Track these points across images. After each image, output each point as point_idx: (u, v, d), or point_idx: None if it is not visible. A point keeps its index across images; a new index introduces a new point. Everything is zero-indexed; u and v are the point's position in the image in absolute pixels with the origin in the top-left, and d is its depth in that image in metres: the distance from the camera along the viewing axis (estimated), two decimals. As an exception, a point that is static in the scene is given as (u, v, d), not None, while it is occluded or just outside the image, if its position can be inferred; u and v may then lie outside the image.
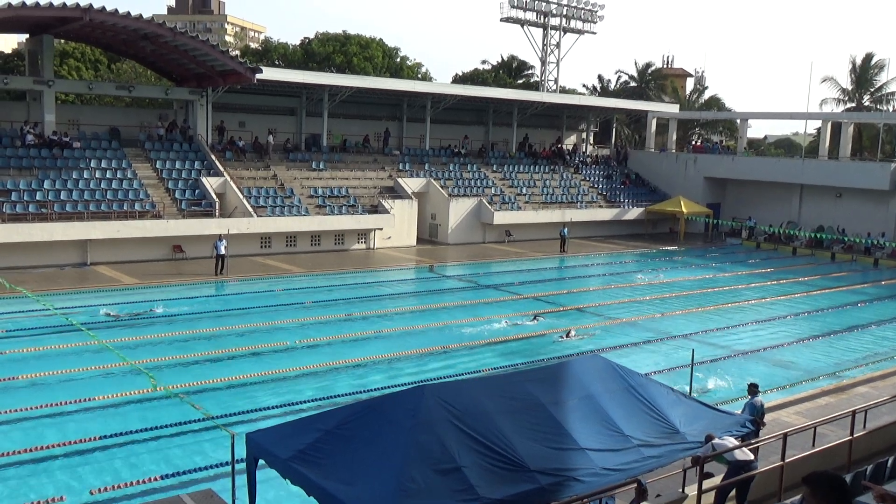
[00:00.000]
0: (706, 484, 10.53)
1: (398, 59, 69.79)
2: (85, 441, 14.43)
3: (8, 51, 71.98)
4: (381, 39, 68.86)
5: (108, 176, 34.71)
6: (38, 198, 32.00)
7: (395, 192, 42.03)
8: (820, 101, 62.04)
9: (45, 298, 22.90)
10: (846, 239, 44.27)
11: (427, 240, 42.81)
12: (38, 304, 21.54)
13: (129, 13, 32.14)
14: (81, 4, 30.99)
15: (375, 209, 39.84)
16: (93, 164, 34.97)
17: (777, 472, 11.00)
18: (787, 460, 10.96)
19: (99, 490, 12.59)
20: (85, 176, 34.13)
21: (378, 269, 34.82)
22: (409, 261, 36.92)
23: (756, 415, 13.13)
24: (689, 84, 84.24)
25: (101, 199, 33.08)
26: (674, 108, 59.93)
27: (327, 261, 35.40)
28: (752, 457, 10.99)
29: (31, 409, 15.98)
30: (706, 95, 72.40)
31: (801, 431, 12.58)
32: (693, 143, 62.28)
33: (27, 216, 30.97)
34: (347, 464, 8.67)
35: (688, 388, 15.91)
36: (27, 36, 38.88)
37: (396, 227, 39.99)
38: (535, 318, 26.03)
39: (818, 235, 44.68)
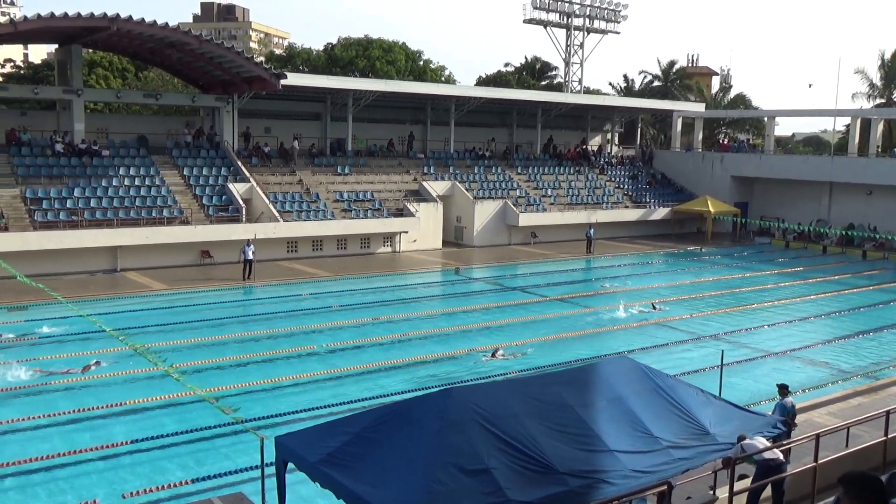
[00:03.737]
0: (738, 486, 10.41)
1: (421, 63, 69.91)
2: (117, 445, 14.60)
3: (38, 61, 73.11)
4: (403, 43, 69.04)
5: (136, 183, 35.13)
6: (68, 205, 32.46)
7: (421, 196, 42.09)
8: (851, 95, 61.23)
9: (77, 304, 23.20)
10: (877, 236, 43.65)
11: (452, 242, 42.83)
12: (69, 309, 21.82)
13: (155, 22, 32.52)
14: (109, 14, 31.39)
15: (401, 213, 39.93)
16: (121, 171, 35.41)
17: (810, 473, 10.86)
18: (819, 461, 10.82)
19: (131, 493, 12.73)
20: (114, 183, 34.57)
21: (404, 272, 34.90)
22: (434, 263, 36.95)
23: (787, 415, 12.98)
24: (715, 82, 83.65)
25: (130, 206, 33.48)
26: (699, 107, 59.46)
27: (354, 264, 35.53)
28: (782, 458, 10.86)
29: (64, 413, 16.21)
30: (732, 93, 71.82)
31: (833, 432, 12.41)
32: (720, 141, 61.75)
33: (58, 224, 31.42)
34: (376, 466, 8.68)
35: (717, 390, 15.74)
36: (56, 46, 39.49)
37: (422, 230, 40.05)
38: (654, 307, 27.65)
39: (849, 233, 44.10)
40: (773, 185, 50.99)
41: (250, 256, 31.03)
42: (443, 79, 70.08)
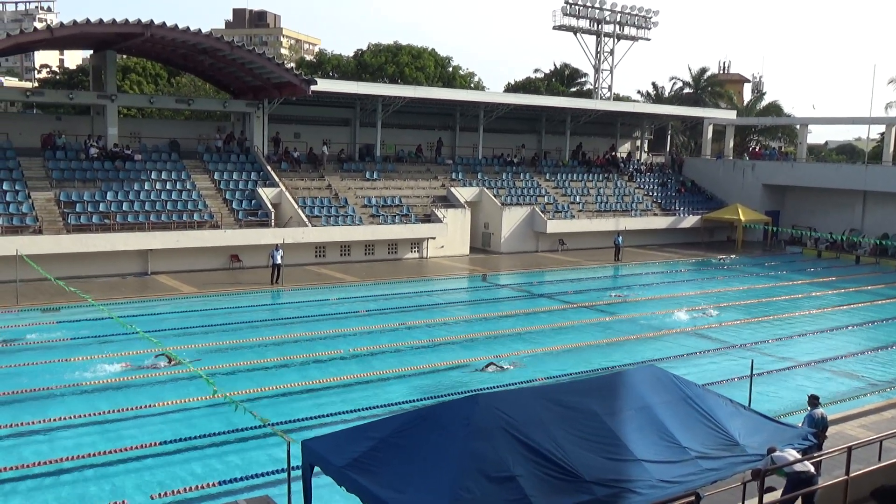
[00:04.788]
0: (767, 498, 10.27)
1: (450, 69, 70.03)
2: (145, 447, 14.72)
3: (73, 66, 74.34)
4: (433, 49, 69.22)
5: (168, 187, 35.53)
6: (101, 209, 32.90)
7: (448, 202, 42.13)
8: (885, 105, 60.34)
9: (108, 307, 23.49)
10: (912, 247, 42.93)
11: (480, 249, 42.79)
12: (102, 311, 22.10)
13: (188, 28, 32.90)
14: (143, 20, 31.82)
15: (428, 218, 39.98)
16: (153, 175, 35.83)
17: (841, 486, 10.69)
18: (851, 475, 10.66)
19: (159, 495, 12.84)
20: (146, 187, 34.99)
21: (431, 278, 34.91)
22: (462, 270, 36.94)
23: (817, 427, 12.79)
24: (747, 89, 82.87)
25: (161, 210, 33.86)
26: (731, 115, 58.91)
27: (381, 270, 35.62)
28: (813, 470, 10.70)
29: (92, 414, 16.40)
30: (764, 101, 71.04)
31: (866, 445, 12.21)
32: (751, 149, 61.13)
33: (91, 227, 31.84)
34: (402, 472, 8.69)
35: (747, 400, 15.56)
36: (91, 52, 40.09)
37: (449, 236, 40.06)
38: (709, 311, 28.57)
39: (882, 243, 43.41)
40: (805, 194, 50.37)
41: (279, 261, 31.23)
42: (472, 85, 70.14)
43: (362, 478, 8.73)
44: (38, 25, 33.42)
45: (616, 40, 64.80)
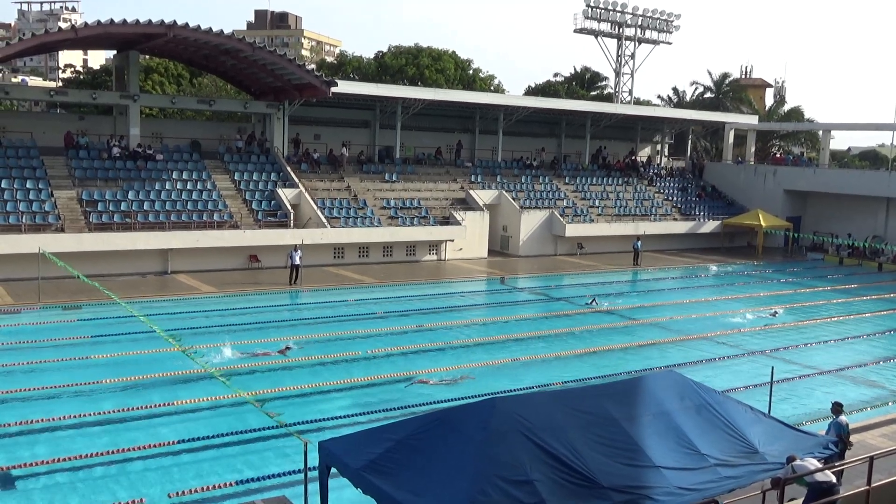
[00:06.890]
0: (787, 507, 10.17)
1: (470, 72, 70.03)
2: (163, 445, 14.80)
3: (97, 67, 75.07)
4: (453, 52, 69.25)
5: (188, 187, 35.75)
6: (122, 208, 33.15)
7: (467, 204, 42.11)
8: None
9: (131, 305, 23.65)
10: (936, 254, 42.36)
11: (498, 252, 42.72)
12: (124, 310, 22.25)
13: (210, 29, 33.11)
14: (166, 21, 32.04)
15: (447, 221, 39.97)
16: (174, 175, 36.07)
17: (862, 497, 10.56)
18: (873, 485, 10.52)
19: (177, 493, 12.89)
20: (167, 187, 35.22)
21: (449, 280, 34.89)
22: (480, 272, 36.89)
23: (843, 434, 12.64)
24: (769, 94, 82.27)
25: (181, 210, 34.06)
26: (752, 119, 58.50)
27: (399, 271, 35.65)
28: (834, 479, 10.58)
29: (112, 412, 16.53)
30: (787, 107, 70.48)
31: (888, 455, 12.06)
32: (773, 154, 60.68)
33: (112, 226, 32.10)
34: (418, 475, 8.68)
35: (767, 407, 15.42)
36: (115, 52, 40.43)
37: (468, 238, 40.03)
38: (774, 313, 29.14)
39: (906, 250, 42.94)
40: (827, 200, 49.91)
41: (297, 262, 31.33)
42: (492, 88, 70.08)
43: (379, 480, 8.73)
44: (63, 25, 33.77)
45: (637, 44, 64.57)
